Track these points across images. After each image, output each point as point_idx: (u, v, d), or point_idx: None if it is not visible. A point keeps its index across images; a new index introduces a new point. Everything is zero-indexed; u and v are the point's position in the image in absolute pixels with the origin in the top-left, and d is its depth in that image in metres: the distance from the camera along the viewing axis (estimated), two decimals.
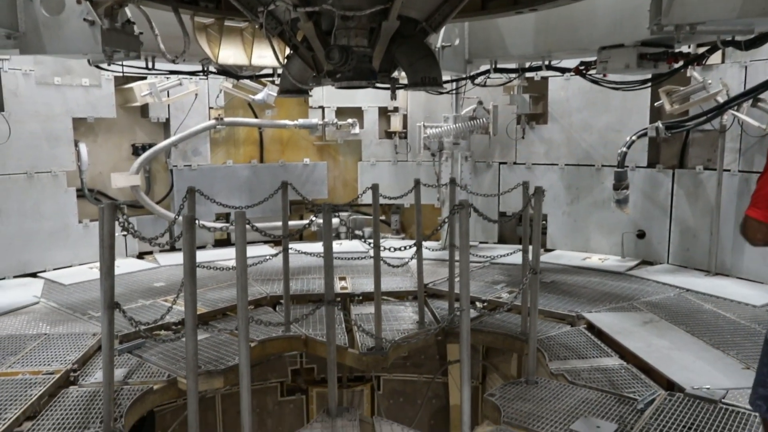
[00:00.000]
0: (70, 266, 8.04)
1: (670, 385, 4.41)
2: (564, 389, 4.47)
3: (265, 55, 6.77)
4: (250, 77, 7.81)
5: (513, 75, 7.58)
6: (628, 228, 8.15)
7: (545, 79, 8.64)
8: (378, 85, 4.70)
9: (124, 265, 8.14)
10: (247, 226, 3.66)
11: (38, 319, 5.96)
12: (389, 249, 4.85)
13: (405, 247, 4.72)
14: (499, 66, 7.30)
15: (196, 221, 3.61)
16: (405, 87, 4.76)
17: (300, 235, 10.01)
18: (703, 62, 6.02)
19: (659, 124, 7.18)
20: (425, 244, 5.96)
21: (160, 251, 8.84)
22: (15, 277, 7.57)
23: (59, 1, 5.30)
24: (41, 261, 7.87)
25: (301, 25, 4.26)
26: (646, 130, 7.41)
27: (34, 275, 7.69)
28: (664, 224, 7.88)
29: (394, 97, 5.00)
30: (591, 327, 5.68)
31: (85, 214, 8.30)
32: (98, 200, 8.70)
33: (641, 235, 8.10)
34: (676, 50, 5.45)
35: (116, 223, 3.87)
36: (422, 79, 4.33)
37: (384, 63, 4.50)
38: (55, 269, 7.91)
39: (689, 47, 6.08)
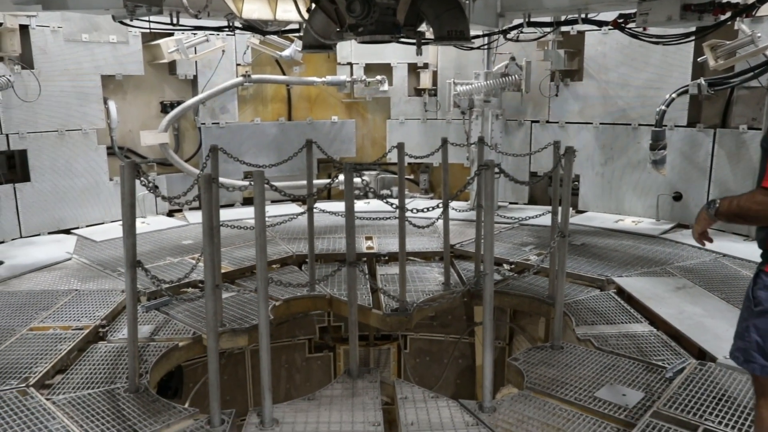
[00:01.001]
0: (102, 223, 8.17)
1: (701, 354, 4.28)
2: (590, 355, 4.38)
3: (289, 10, 6.60)
4: (276, 32, 7.66)
5: (547, 29, 7.26)
6: (664, 190, 7.87)
7: (581, 33, 8.28)
8: (404, 39, 4.54)
9: (154, 222, 8.24)
10: (267, 186, 3.58)
11: (70, 275, 6.07)
12: (412, 210, 4.74)
13: (430, 208, 4.60)
14: (532, 20, 6.99)
15: (214, 181, 3.56)
16: (431, 41, 4.58)
17: (328, 194, 10.03)
18: (753, 13, 5.64)
19: (702, 80, 6.83)
20: (453, 204, 5.84)
21: (189, 209, 8.89)
22: (50, 233, 7.72)
23: None
24: (74, 218, 8.00)
25: None
26: (688, 87, 7.06)
27: (67, 232, 7.83)
28: (703, 186, 7.59)
29: (419, 52, 4.81)
30: (621, 292, 5.54)
31: (115, 171, 8.37)
32: (128, 158, 8.75)
33: (678, 197, 7.83)
34: (723, 0, 5.11)
35: (138, 182, 3.85)
36: (449, 33, 4.16)
37: (409, 16, 4.32)
38: (87, 226, 8.04)
39: None
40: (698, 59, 7.13)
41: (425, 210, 4.62)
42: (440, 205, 4.81)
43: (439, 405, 3.80)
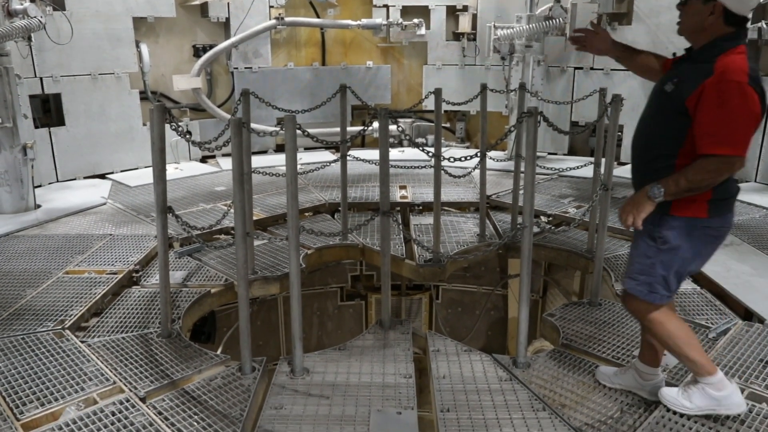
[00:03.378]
0: (136, 168, 8.18)
1: (748, 315, 4.10)
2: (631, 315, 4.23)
3: None
4: None
5: None
6: None
7: None
8: None
9: (187, 168, 8.23)
10: (299, 132, 3.46)
11: (104, 219, 6.11)
12: (449, 159, 4.58)
13: (466, 158, 4.43)
14: None
15: (244, 125, 3.44)
16: None
17: (362, 141, 9.86)
18: None
19: (763, 24, 6.38)
20: (490, 153, 5.65)
21: (222, 155, 8.86)
22: (85, 177, 7.78)
23: None
24: (109, 163, 8.03)
25: None
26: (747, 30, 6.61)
27: (102, 176, 7.88)
28: (756, 139, 7.18)
29: None
30: None
31: (148, 116, 8.32)
32: (161, 102, 8.70)
33: None
34: None
35: (168, 126, 3.76)
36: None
37: None
38: (122, 171, 8.07)
39: None
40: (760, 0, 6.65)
41: (462, 159, 4.45)
42: (477, 155, 4.62)
43: (471, 359, 3.72)
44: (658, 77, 2.98)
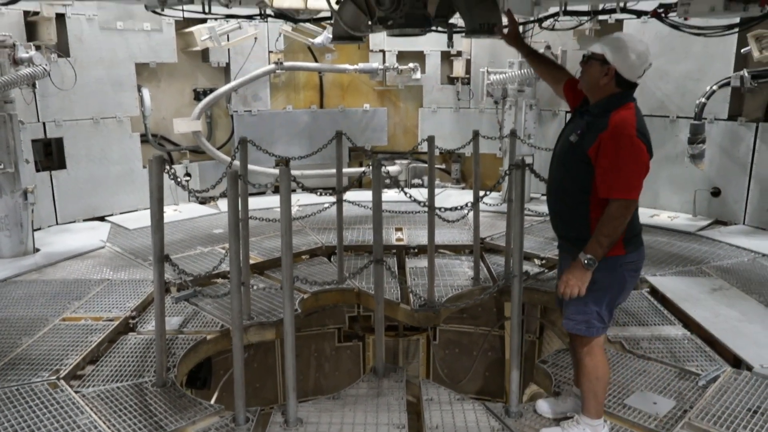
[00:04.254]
0: (136, 210, 8.27)
1: (736, 362, 4.14)
2: (620, 359, 4.28)
3: None
4: (308, 20, 7.60)
5: (584, 18, 7.06)
6: (702, 185, 7.63)
7: (619, 21, 8.01)
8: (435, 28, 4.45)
9: (186, 210, 8.32)
10: (298, 173, 3.56)
11: (103, 263, 6.18)
12: (440, 210, 4.68)
13: (458, 207, 4.53)
14: (569, 8, 6.78)
15: (240, 177, 3.54)
16: (463, 34, 4.48)
17: (359, 183, 9.99)
18: None
19: (745, 72, 6.57)
20: (484, 192, 5.75)
21: (220, 197, 8.94)
22: (85, 220, 7.87)
23: None
24: (109, 205, 8.13)
25: None
26: (730, 79, 6.80)
27: (102, 219, 7.97)
28: (742, 182, 7.32)
29: (451, 44, 4.73)
30: (654, 291, 5.39)
31: (148, 158, 8.45)
32: (161, 145, 8.86)
33: (716, 192, 7.58)
34: None
35: (166, 175, 3.86)
36: (481, 26, 4.05)
37: (440, 8, 4.23)
38: (121, 213, 8.16)
39: None
40: (742, 50, 6.85)
41: (453, 209, 4.55)
42: (468, 204, 4.72)
43: (464, 408, 3.75)
44: (559, 88, 3.61)
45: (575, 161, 3.13)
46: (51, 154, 7.81)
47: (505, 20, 3.93)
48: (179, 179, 3.88)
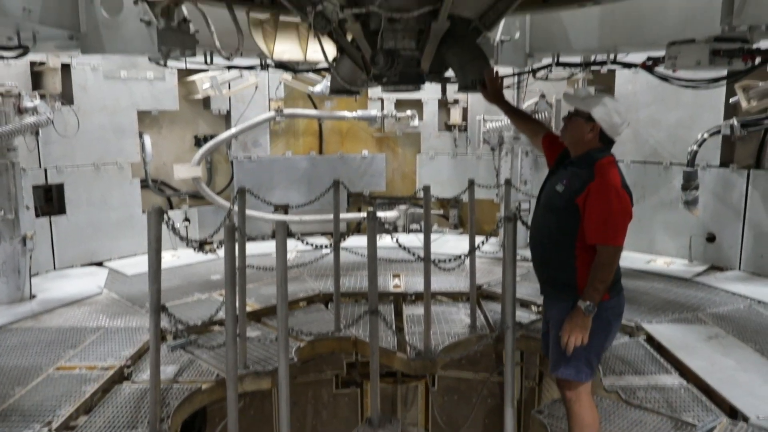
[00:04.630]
0: (134, 255, 8.30)
1: (733, 412, 4.12)
2: (617, 409, 4.27)
3: (320, 50, 6.70)
4: (307, 70, 7.78)
5: (577, 69, 7.23)
6: (697, 230, 7.70)
7: (612, 71, 8.22)
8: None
9: (184, 256, 8.33)
10: (297, 219, 3.62)
11: (99, 311, 6.18)
12: (435, 262, 4.72)
13: (451, 259, 4.58)
14: (561, 60, 6.97)
15: (237, 229, 3.60)
16: (458, 89, 4.59)
17: (357, 228, 10.05)
18: None
19: (734, 121, 6.70)
20: (482, 239, 5.81)
21: (218, 246, 9.00)
22: (83, 265, 7.90)
23: (118, 1, 5.42)
24: (107, 250, 8.17)
25: (348, 26, 4.15)
26: (720, 127, 6.93)
27: (100, 264, 8.00)
28: (737, 228, 7.39)
29: (444, 97, 4.86)
30: (650, 339, 5.39)
31: (148, 204, 8.55)
32: (161, 190, 8.96)
33: (711, 238, 7.64)
34: (753, 47, 5.01)
35: (164, 225, 3.92)
36: (473, 82, 4.16)
37: (434, 64, 4.34)
38: (120, 258, 8.20)
39: None
40: (730, 100, 7.01)
41: (447, 261, 4.60)
42: (462, 256, 4.76)
43: None
44: (537, 141, 3.85)
45: (563, 209, 3.31)
46: (51, 200, 7.89)
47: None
48: (177, 229, 3.93)
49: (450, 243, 8.99)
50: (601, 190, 3.19)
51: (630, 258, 7.99)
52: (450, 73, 4.80)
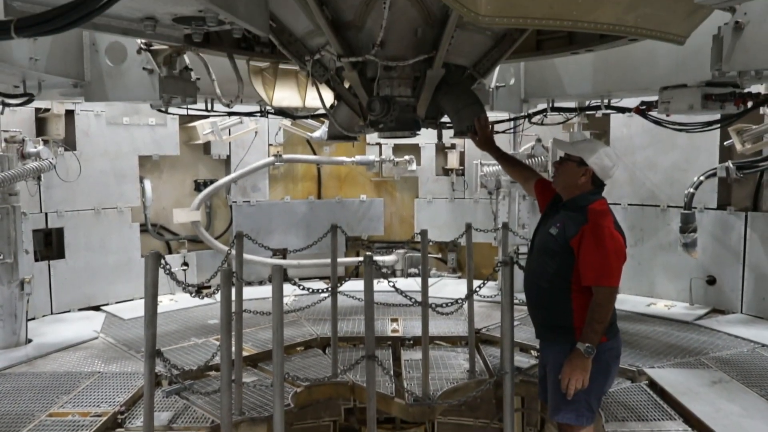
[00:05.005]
0: (132, 299, 8.25)
1: None
2: None
3: (318, 98, 6.82)
4: (306, 117, 7.90)
5: (571, 114, 7.35)
6: (697, 273, 7.68)
7: (606, 115, 8.34)
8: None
9: (182, 300, 8.30)
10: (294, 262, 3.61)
11: (94, 355, 6.12)
12: (432, 306, 4.70)
13: (449, 303, 4.56)
14: (556, 105, 7.08)
15: (234, 274, 3.60)
16: (453, 134, 4.66)
17: (356, 272, 10.03)
18: None
19: (729, 163, 6.77)
20: (480, 282, 5.79)
21: (215, 291, 8.96)
22: (80, 309, 7.86)
23: (122, 50, 5.56)
24: (105, 294, 8.14)
25: (345, 74, 4.24)
26: (716, 170, 7.00)
27: (97, 308, 7.96)
28: (737, 270, 7.38)
29: (441, 142, 4.93)
30: (653, 384, 5.32)
31: (147, 248, 8.54)
32: (161, 234, 8.99)
33: (711, 281, 7.61)
34: (744, 91, 5.11)
35: (161, 269, 3.92)
36: (468, 128, 4.22)
37: (430, 110, 4.41)
38: (117, 302, 8.16)
39: (761, 85, 5.71)
40: (725, 143, 7.10)
41: (445, 305, 4.59)
42: (459, 300, 4.75)
43: None
44: (529, 187, 3.93)
45: (558, 252, 3.34)
46: (51, 244, 7.91)
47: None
48: (174, 274, 3.93)
49: (448, 287, 8.96)
50: (595, 233, 3.21)
51: (630, 301, 7.96)
52: (446, 118, 4.89)
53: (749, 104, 4.96)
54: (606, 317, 3.19)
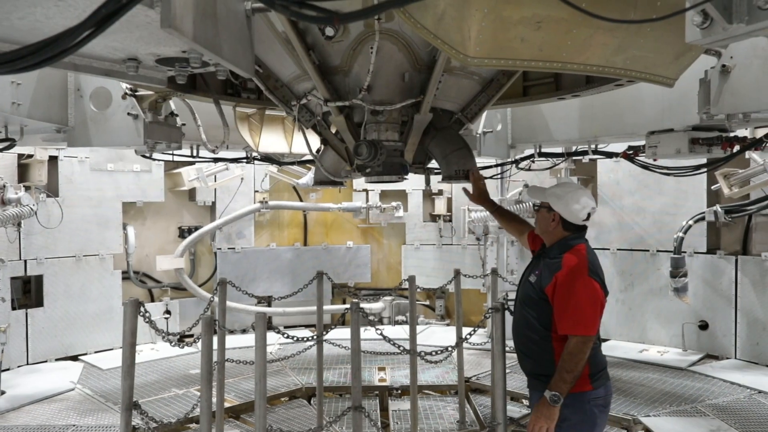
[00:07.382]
0: (112, 349, 7.99)
1: None
2: None
3: (304, 143, 6.80)
4: (292, 163, 7.86)
5: (558, 159, 7.37)
6: (689, 318, 7.59)
7: (594, 161, 8.39)
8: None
9: (163, 349, 8.05)
10: (280, 310, 3.48)
11: (70, 407, 5.87)
12: (421, 354, 4.57)
13: (438, 351, 4.43)
14: (543, 150, 7.11)
15: (215, 321, 3.46)
16: (441, 179, 4.61)
17: (342, 320, 9.83)
18: (763, 146, 5.66)
19: (718, 207, 6.78)
20: (469, 329, 5.66)
21: (195, 340, 8.74)
22: (57, 360, 7.59)
23: (107, 95, 5.51)
24: (83, 344, 7.89)
25: (332, 119, 4.21)
26: (704, 214, 7.00)
27: (75, 358, 7.70)
28: (729, 315, 7.31)
29: (428, 189, 4.87)
30: None
31: (129, 295, 8.23)
32: (143, 282, 8.80)
33: (704, 326, 7.53)
34: (731, 135, 5.14)
35: (141, 317, 3.77)
36: (456, 173, 4.18)
37: (417, 155, 4.37)
38: (96, 352, 7.90)
39: (746, 129, 5.77)
40: (712, 187, 7.12)
41: (434, 353, 4.45)
42: (448, 348, 4.61)
43: None
44: (523, 239, 3.78)
45: (536, 300, 3.26)
46: (29, 292, 7.70)
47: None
48: (154, 322, 3.78)
49: (437, 334, 8.80)
50: (567, 281, 3.13)
51: (622, 347, 7.83)
52: (433, 163, 4.86)
53: (736, 148, 4.98)
54: (576, 366, 3.06)
